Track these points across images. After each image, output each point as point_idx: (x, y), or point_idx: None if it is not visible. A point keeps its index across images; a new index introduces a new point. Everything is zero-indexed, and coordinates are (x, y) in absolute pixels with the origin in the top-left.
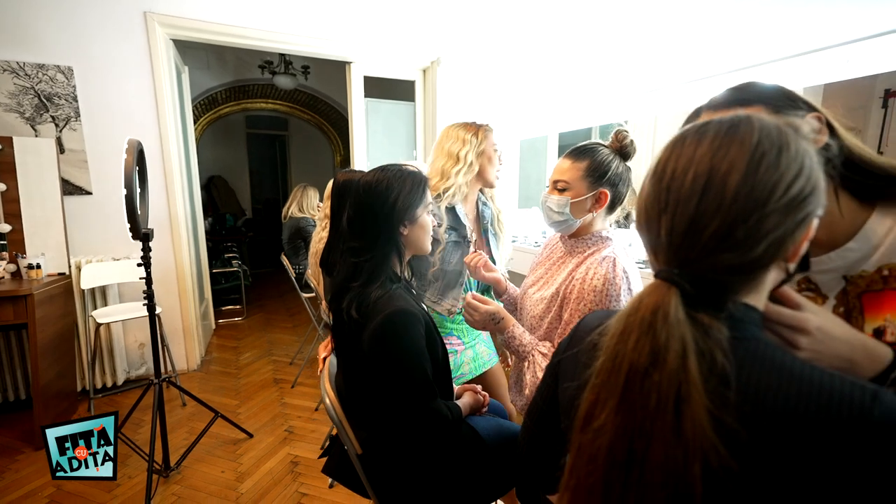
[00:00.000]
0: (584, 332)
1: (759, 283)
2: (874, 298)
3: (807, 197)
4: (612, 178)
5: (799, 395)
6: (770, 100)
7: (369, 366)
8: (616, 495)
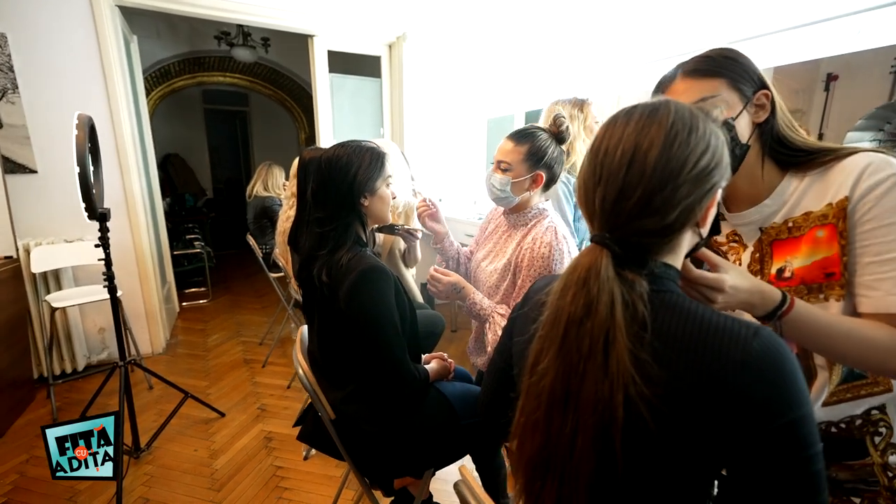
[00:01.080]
0: (533, 294)
1: (676, 244)
2: (780, 245)
3: (712, 170)
4: (549, 161)
5: (699, 333)
6: (731, 72)
7: (345, 321)
8: (556, 426)
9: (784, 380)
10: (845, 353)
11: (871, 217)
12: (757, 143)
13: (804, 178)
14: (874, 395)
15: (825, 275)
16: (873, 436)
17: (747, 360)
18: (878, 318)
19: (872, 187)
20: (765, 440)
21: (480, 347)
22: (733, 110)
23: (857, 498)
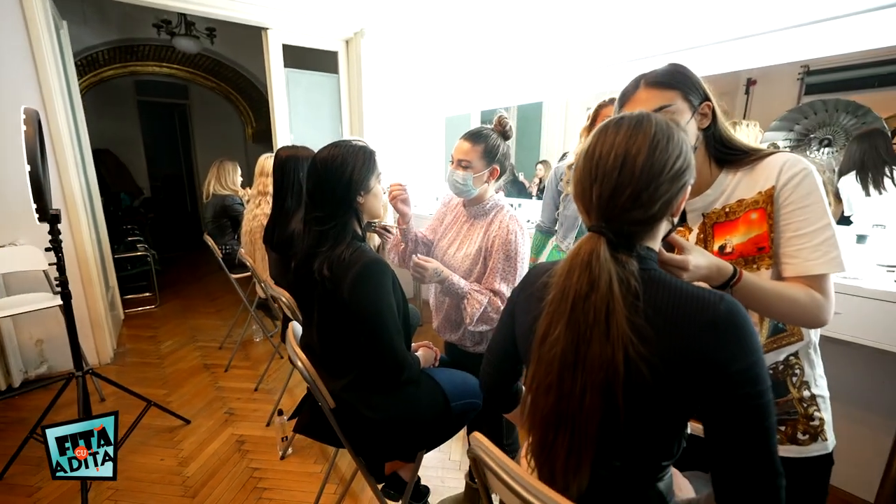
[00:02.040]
0: (534, 278)
1: (655, 231)
2: (720, 226)
3: (685, 170)
4: (500, 157)
5: (679, 300)
6: (684, 87)
7: (347, 312)
8: (568, 386)
9: (744, 333)
10: (776, 310)
11: (790, 201)
12: (702, 145)
13: (737, 173)
14: (791, 344)
15: (757, 248)
16: (791, 377)
17: (717, 319)
18: (799, 280)
19: (790, 178)
20: (731, 379)
21: (452, 324)
22: (684, 118)
23: (782, 427)
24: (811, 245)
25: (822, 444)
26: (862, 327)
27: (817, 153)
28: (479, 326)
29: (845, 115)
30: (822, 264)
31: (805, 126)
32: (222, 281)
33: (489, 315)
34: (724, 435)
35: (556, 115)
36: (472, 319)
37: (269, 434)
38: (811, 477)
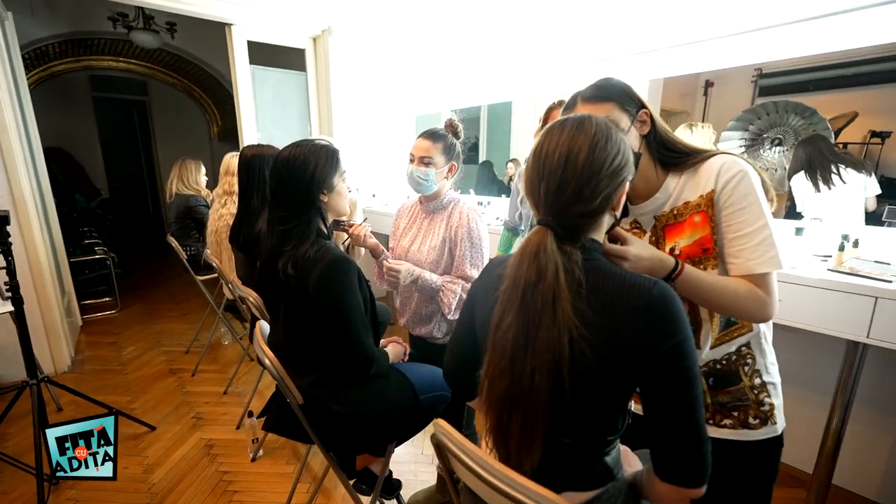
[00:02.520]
0: (491, 270)
1: (598, 224)
2: (670, 228)
3: (623, 167)
4: (456, 154)
5: (618, 287)
6: (619, 98)
7: (314, 309)
8: (519, 368)
9: (674, 315)
10: (719, 304)
11: (729, 203)
12: (646, 150)
13: (682, 176)
14: (742, 335)
15: (702, 250)
16: (743, 366)
17: (650, 302)
18: (743, 278)
19: (728, 181)
20: (663, 355)
21: (421, 319)
22: (624, 126)
23: (735, 412)
24: (751, 245)
25: (771, 428)
26: (800, 312)
27: (770, 152)
28: (457, 314)
29: (794, 115)
30: (762, 263)
31: (758, 126)
32: (187, 283)
33: None
34: (657, 406)
35: (525, 113)
36: (450, 309)
37: (240, 437)
38: (762, 458)
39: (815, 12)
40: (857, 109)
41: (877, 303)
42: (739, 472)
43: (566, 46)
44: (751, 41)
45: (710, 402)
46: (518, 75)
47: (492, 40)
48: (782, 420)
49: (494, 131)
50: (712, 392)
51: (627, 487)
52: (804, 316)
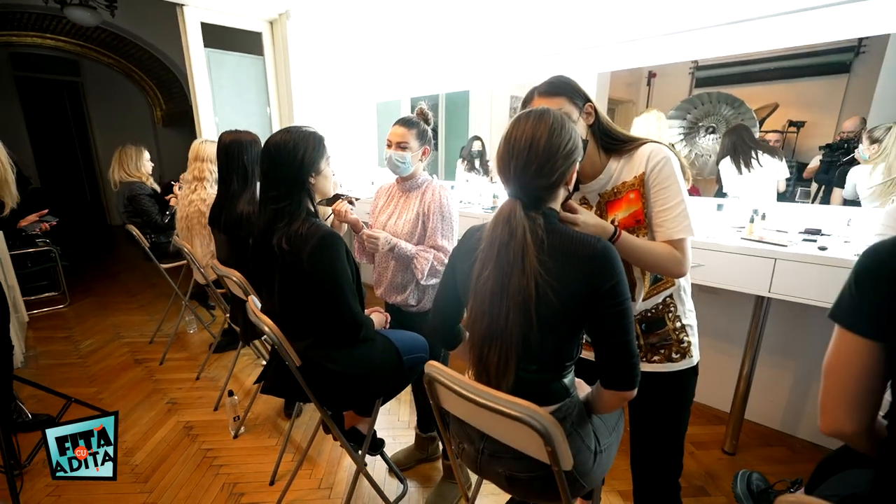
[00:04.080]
0: (468, 237)
1: (556, 196)
2: (611, 204)
3: (574, 150)
4: (428, 139)
5: (571, 242)
6: (569, 93)
7: (308, 279)
8: (496, 310)
9: (612, 263)
10: (647, 263)
11: (655, 183)
12: (592, 138)
13: (620, 160)
14: (667, 289)
15: (636, 221)
16: (668, 313)
17: (595, 253)
18: (665, 242)
19: (655, 165)
20: (604, 293)
21: (397, 287)
22: (573, 118)
23: (662, 350)
24: (671, 217)
25: (689, 360)
26: (719, 274)
27: (705, 139)
28: (430, 280)
29: (726, 106)
30: (679, 231)
31: (695, 115)
32: (142, 274)
33: (436, 269)
34: (600, 332)
35: (483, 102)
36: (423, 275)
37: (219, 417)
38: (683, 384)
39: (743, 16)
40: (777, 101)
41: (776, 263)
42: (666, 396)
43: (520, 40)
44: (686, 40)
45: (643, 343)
46: (475, 66)
47: (450, 31)
48: (697, 354)
49: (452, 117)
50: (645, 335)
51: (581, 403)
52: (722, 276)
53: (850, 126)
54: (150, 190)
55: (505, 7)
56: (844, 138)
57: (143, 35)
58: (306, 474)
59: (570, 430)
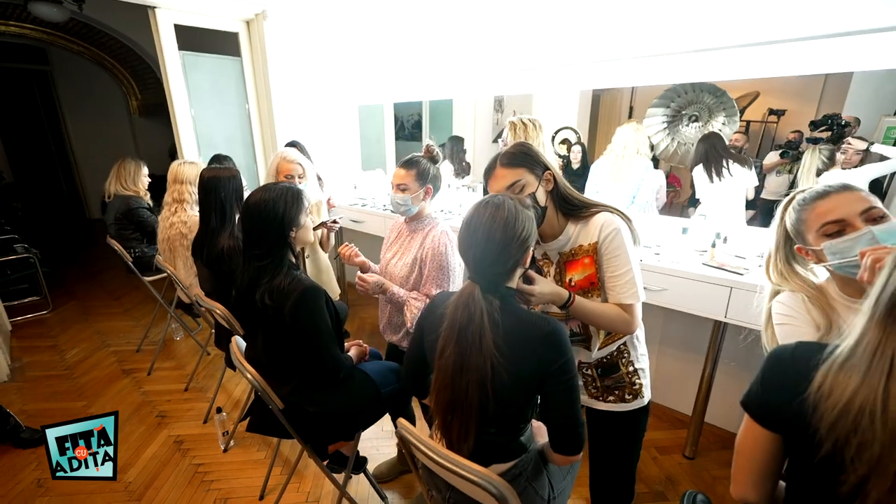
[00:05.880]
0: (435, 306)
1: (511, 278)
2: (569, 264)
3: (527, 238)
4: (432, 178)
5: (523, 325)
6: (528, 164)
7: (290, 331)
8: (457, 384)
9: (560, 343)
10: (600, 323)
11: (606, 252)
12: (551, 203)
13: (577, 224)
14: (620, 339)
15: (590, 283)
16: (621, 359)
17: (544, 335)
18: (616, 305)
19: (606, 236)
20: (554, 371)
21: (393, 327)
22: (533, 186)
23: (616, 391)
24: (620, 284)
25: (640, 400)
26: (681, 298)
27: (687, 128)
28: None
29: (708, 95)
30: (627, 297)
31: (678, 104)
32: (125, 278)
33: None
34: (550, 403)
35: (467, 109)
36: (411, 323)
37: (208, 430)
38: (634, 421)
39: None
40: (759, 90)
41: (731, 291)
42: (620, 432)
43: (504, 52)
44: (667, 63)
45: (600, 386)
46: (457, 75)
47: (432, 38)
48: (648, 394)
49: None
50: (601, 378)
51: (537, 455)
52: (683, 301)
53: None
54: (146, 204)
55: (490, 18)
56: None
57: (113, 25)
58: (294, 488)
59: (524, 486)
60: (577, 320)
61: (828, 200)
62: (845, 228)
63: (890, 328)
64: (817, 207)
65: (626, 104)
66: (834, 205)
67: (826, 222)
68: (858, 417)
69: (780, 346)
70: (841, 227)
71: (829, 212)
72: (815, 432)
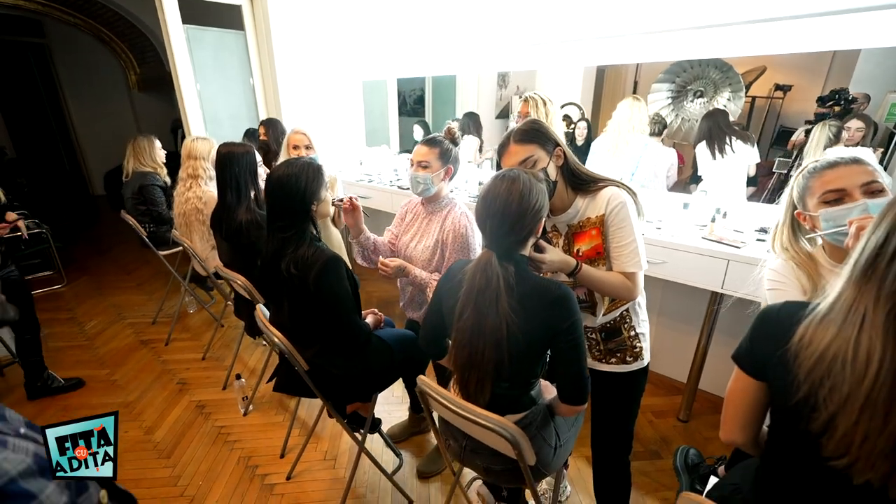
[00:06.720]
0: (453, 274)
1: (525, 246)
2: (577, 235)
3: (540, 209)
4: (453, 158)
5: (535, 289)
6: (540, 140)
7: (314, 299)
8: (475, 344)
9: (569, 305)
10: (605, 290)
11: (612, 224)
12: (561, 178)
13: (585, 198)
14: (623, 305)
15: (596, 253)
16: (623, 324)
17: (554, 298)
18: (620, 273)
19: (613, 209)
20: (562, 330)
21: (416, 305)
22: (544, 162)
23: (618, 353)
24: (625, 253)
25: (640, 362)
26: (680, 270)
27: (692, 104)
28: None
29: (714, 69)
30: (631, 265)
31: (683, 79)
32: (134, 251)
33: None
34: (560, 358)
35: (470, 84)
36: None
37: (228, 396)
38: (634, 382)
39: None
40: (765, 64)
41: (729, 264)
42: (620, 392)
43: (508, 28)
44: (673, 39)
45: (603, 349)
46: (461, 51)
47: (436, 14)
48: (648, 357)
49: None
50: (604, 342)
51: (545, 408)
52: (683, 273)
53: None
54: (161, 182)
55: None
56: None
57: None
58: (312, 447)
59: (533, 434)
60: (583, 288)
61: (835, 170)
62: (844, 198)
63: (864, 287)
64: (824, 176)
65: (630, 79)
66: (839, 175)
67: (827, 190)
68: (832, 364)
69: (769, 306)
70: (840, 196)
71: (833, 181)
72: (794, 378)
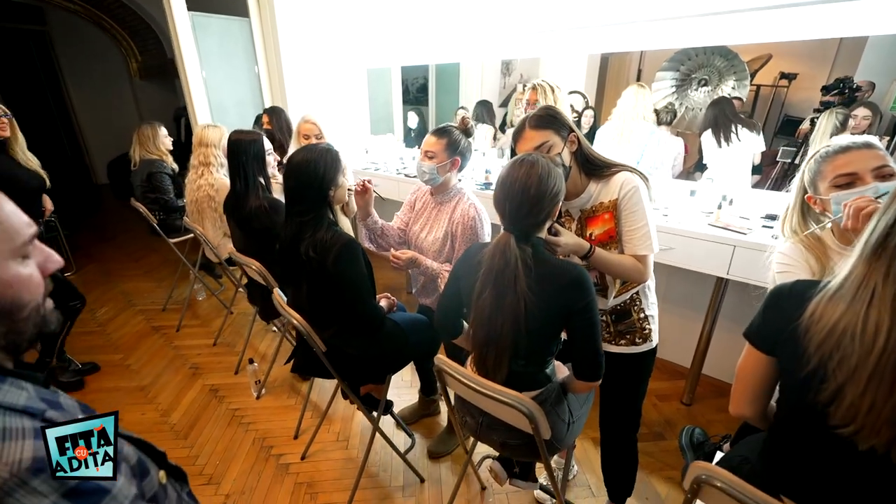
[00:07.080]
0: (471, 255)
1: (541, 228)
2: (590, 220)
3: (558, 193)
4: (461, 150)
5: (552, 270)
6: (555, 126)
7: (332, 281)
8: (493, 322)
9: (585, 286)
10: (617, 272)
11: (625, 208)
12: (575, 163)
13: (598, 183)
14: (633, 288)
15: (609, 237)
16: (633, 307)
17: (571, 279)
18: (631, 256)
19: (625, 193)
20: (578, 310)
21: (428, 292)
22: (559, 147)
23: (628, 335)
24: (637, 237)
25: (649, 344)
26: (686, 256)
27: (696, 93)
28: None
29: (719, 58)
30: (642, 248)
31: (688, 67)
32: (140, 238)
33: None
34: (574, 337)
35: (474, 72)
36: None
37: (240, 381)
38: (643, 363)
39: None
40: (771, 52)
41: (734, 250)
42: (629, 372)
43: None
44: (679, 27)
45: (613, 330)
46: (465, 39)
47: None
48: (656, 339)
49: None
50: (615, 324)
51: (559, 386)
52: (689, 259)
53: None
54: (169, 169)
55: None
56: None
57: None
58: (325, 429)
59: (548, 410)
60: (595, 271)
61: (847, 154)
62: (855, 182)
63: (874, 265)
64: (836, 160)
65: (634, 68)
66: (851, 159)
67: (839, 174)
68: (842, 337)
69: (780, 284)
70: (851, 180)
71: (845, 165)
72: (805, 351)
